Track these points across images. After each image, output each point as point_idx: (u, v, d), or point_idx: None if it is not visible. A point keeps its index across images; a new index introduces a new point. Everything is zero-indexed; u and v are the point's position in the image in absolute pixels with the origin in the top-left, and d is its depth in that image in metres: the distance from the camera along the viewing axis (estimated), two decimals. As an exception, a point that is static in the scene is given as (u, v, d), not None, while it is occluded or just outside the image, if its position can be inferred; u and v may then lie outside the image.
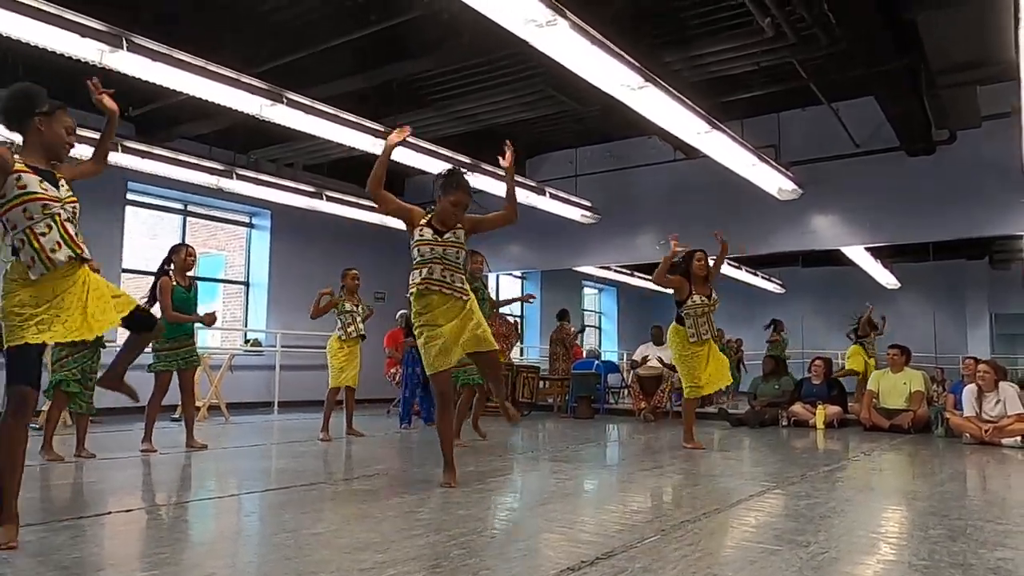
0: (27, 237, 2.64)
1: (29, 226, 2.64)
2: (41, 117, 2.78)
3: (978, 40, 5.58)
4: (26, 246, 2.64)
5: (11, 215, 2.65)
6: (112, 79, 5.76)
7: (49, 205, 2.69)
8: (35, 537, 2.77)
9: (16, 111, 2.80)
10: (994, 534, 2.98)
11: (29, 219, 2.65)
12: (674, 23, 6.71)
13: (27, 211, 2.65)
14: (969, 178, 8.26)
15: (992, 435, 6.36)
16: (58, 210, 2.72)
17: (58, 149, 2.85)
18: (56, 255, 2.66)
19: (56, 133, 2.82)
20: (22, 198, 2.64)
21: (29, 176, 2.67)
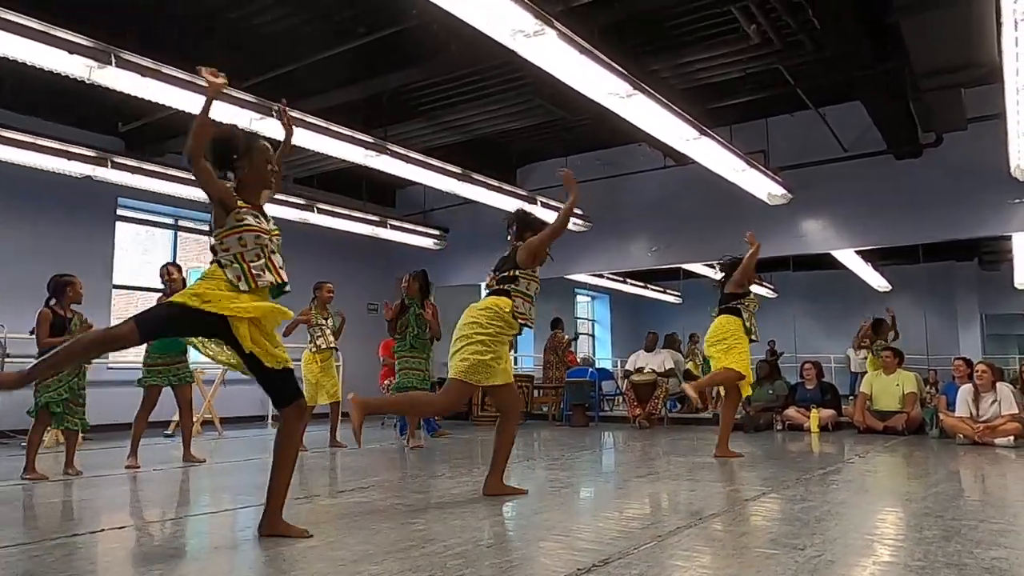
0: (236, 259, 2.91)
1: (240, 252, 2.92)
2: (241, 160, 3.03)
3: (962, 43, 5.63)
4: (234, 265, 2.91)
5: (227, 240, 2.93)
6: (99, 95, 5.78)
7: (261, 237, 2.96)
8: (27, 555, 2.74)
9: (218, 159, 3.02)
10: (989, 534, 2.99)
11: (243, 247, 2.92)
12: (661, 31, 6.76)
13: (242, 239, 2.93)
14: (956, 180, 8.32)
15: (985, 435, 6.39)
16: (267, 241, 2.98)
17: (264, 180, 3.09)
18: (260, 278, 2.92)
19: (259, 168, 3.05)
20: (240, 229, 2.92)
21: (246, 212, 2.96)
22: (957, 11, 5.22)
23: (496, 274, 4.13)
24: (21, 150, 6.69)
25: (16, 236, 8.01)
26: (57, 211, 8.26)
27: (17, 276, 7.81)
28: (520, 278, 4.03)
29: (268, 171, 3.07)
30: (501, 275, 4.07)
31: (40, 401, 4.88)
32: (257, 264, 2.92)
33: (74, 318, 5.06)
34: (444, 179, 8.29)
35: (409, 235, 10.95)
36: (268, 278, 2.93)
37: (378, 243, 11.04)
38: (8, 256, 7.88)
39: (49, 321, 4.94)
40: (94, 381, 7.94)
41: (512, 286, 4.00)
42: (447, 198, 9.93)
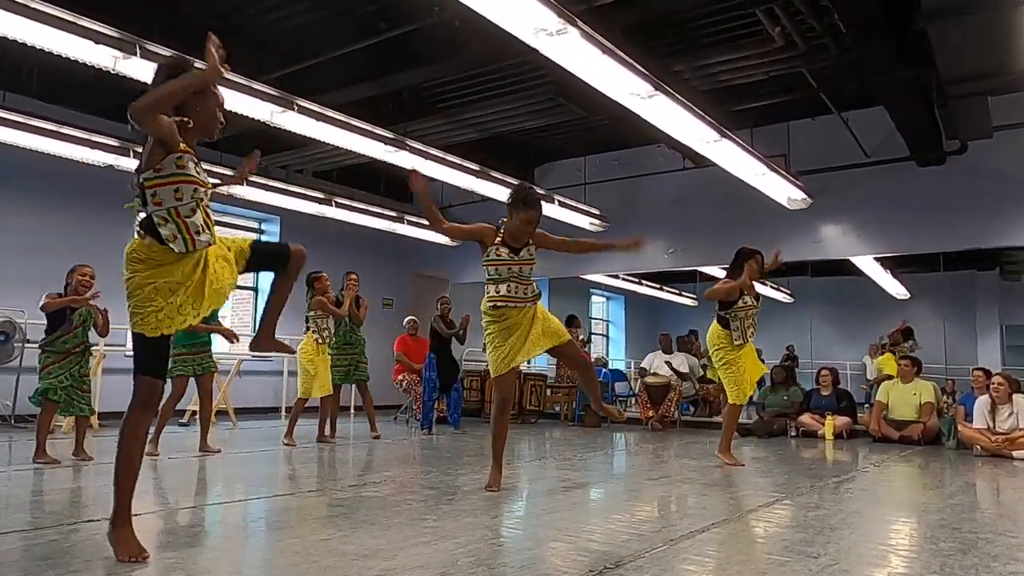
0: (171, 216, 2.56)
1: (175, 207, 2.57)
2: (196, 97, 2.69)
3: (990, 50, 5.56)
4: (169, 224, 2.56)
5: (161, 191, 2.57)
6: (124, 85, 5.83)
7: (198, 190, 2.62)
8: (43, 540, 2.77)
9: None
10: (1006, 548, 2.95)
11: (178, 200, 2.57)
12: (684, 32, 6.73)
13: (179, 191, 2.58)
14: (980, 188, 8.22)
15: (1003, 447, 6.31)
16: (203, 195, 2.65)
17: (209, 127, 2.77)
18: (199, 237, 2.60)
19: (210, 113, 2.74)
20: (178, 178, 2.57)
21: (188, 158, 2.60)
22: (986, 18, 5.15)
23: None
24: (46, 138, 6.76)
25: (38, 225, 8.10)
26: (80, 200, 8.35)
27: (39, 264, 7.89)
28: (485, 267, 4.18)
29: (216, 119, 2.77)
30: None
31: (40, 388, 4.95)
32: (193, 220, 2.58)
33: (80, 308, 5.07)
34: (462, 176, 8.29)
35: (426, 231, 10.95)
36: (205, 238, 2.61)
37: (395, 239, 11.07)
38: (30, 244, 7.97)
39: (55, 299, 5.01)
40: (111, 369, 8.10)
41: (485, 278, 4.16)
42: (464, 195, 9.94)
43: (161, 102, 2.54)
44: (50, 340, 5.01)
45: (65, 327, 5.01)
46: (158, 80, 2.65)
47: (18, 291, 7.50)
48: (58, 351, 5.00)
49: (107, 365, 7.88)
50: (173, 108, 2.63)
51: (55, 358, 4.99)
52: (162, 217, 2.57)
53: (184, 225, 2.57)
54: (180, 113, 2.66)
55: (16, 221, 7.97)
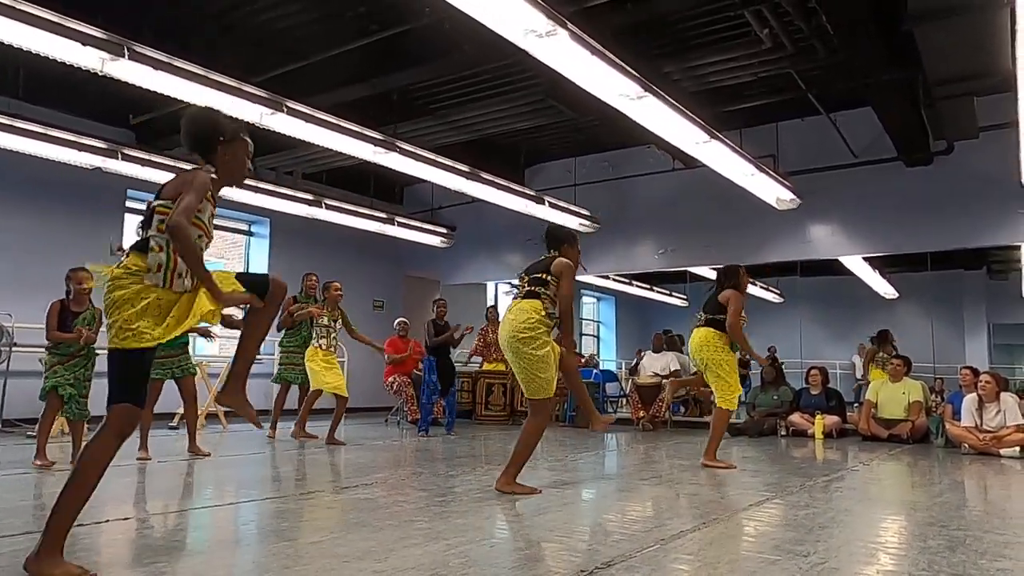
0: (166, 247, 2.54)
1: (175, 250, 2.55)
2: (224, 145, 2.74)
3: (976, 52, 5.61)
4: (162, 254, 2.54)
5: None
6: (111, 87, 5.81)
7: (202, 237, 2.64)
8: (33, 544, 2.75)
9: (201, 139, 2.75)
10: (994, 545, 2.97)
11: None
12: (673, 33, 6.75)
13: None
14: (967, 189, 8.29)
15: (991, 445, 6.36)
16: (204, 245, 2.66)
17: (239, 175, 2.82)
18: (179, 280, 2.57)
19: (239, 160, 2.79)
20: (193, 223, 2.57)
21: (208, 205, 2.65)
22: (972, 20, 5.20)
23: (528, 276, 4.31)
24: (32, 140, 6.71)
25: (26, 227, 8.05)
26: (67, 202, 8.30)
27: (26, 267, 7.86)
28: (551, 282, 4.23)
29: (244, 168, 2.81)
30: (533, 276, 4.26)
31: (47, 385, 4.93)
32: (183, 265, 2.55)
33: (85, 312, 5.07)
34: (452, 177, 8.29)
35: (416, 233, 10.95)
36: (186, 284, 2.58)
37: (385, 240, 11.05)
38: (17, 247, 7.91)
39: (56, 312, 5.00)
40: (98, 373, 8.04)
41: (542, 288, 4.20)
42: (455, 196, 9.94)
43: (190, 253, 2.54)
44: (55, 344, 5.00)
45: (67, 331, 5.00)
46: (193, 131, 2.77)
47: (6, 294, 7.45)
48: (63, 354, 4.99)
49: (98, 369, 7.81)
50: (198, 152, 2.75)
51: (60, 359, 4.97)
52: (159, 244, 2.55)
53: (173, 261, 2.54)
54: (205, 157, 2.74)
55: (3, 224, 7.91)
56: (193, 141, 2.77)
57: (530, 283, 4.21)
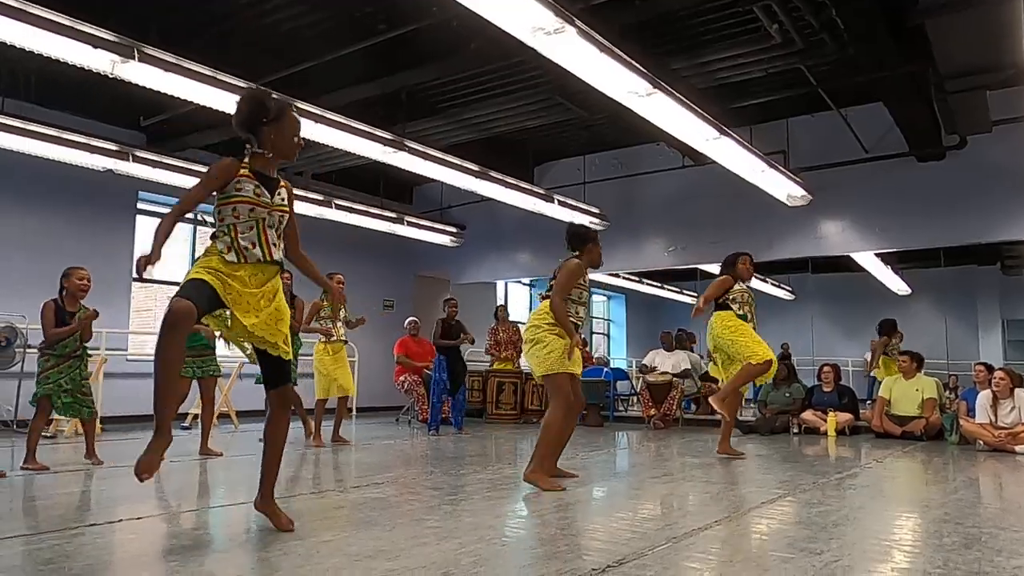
0: (229, 231, 2.87)
1: (234, 223, 2.88)
2: (270, 125, 2.95)
3: (988, 45, 5.55)
4: (225, 236, 2.88)
5: (223, 210, 2.90)
6: (121, 89, 5.84)
7: (256, 209, 2.90)
8: (46, 544, 2.78)
9: (247, 120, 2.96)
10: (1010, 542, 2.95)
11: (236, 217, 2.88)
12: (682, 30, 6.72)
13: (236, 210, 2.88)
14: (980, 183, 8.21)
15: (1006, 442, 6.30)
16: (264, 215, 2.92)
17: (288, 151, 3.03)
18: (248, 252, 2.88)
19: (285, 137, 3.00)
20: (235, 198, 2.88)
21: (247, 181, 2.90)
22: (983, 12, 5.14)
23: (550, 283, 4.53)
24: (44, 143, 6.77)
25: (38, 229, 8.11)
26: (79, 204, 8.36)
27: (38, 269, 7.90)
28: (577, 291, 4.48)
29: (294, 142, 3.02)
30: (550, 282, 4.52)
31: (39, 392, 4.94)
32: (247, 236, 2.87)
33: (78, 312, 5.07)
34: (462, 176, 8.30)
35: (426, 232, 10.97)
36: (256, 253, 2.88)
37: (395, 240, 11.07)
38: (29, 249, 7.97)
39: (52, 311, 4.97)
40: (114, 373, 8.11)
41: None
42: (464, 195, 9.94)
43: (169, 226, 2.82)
44: (52, 343, 5.00)
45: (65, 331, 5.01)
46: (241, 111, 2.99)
47: (19, 296, 7.50)
48: (59, 354, 4.99)
49: (108, 369, 7.88)
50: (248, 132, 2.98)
51: (55, 361, 4.98)
52: (221, 231, 2.89)
53: (236, 239, 2.87)
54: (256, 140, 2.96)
55: (16, 226, 7.97)
56: (240, 122, 2.98)
57: (549, 288, 4.50)
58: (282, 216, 3.00)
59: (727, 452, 5.81)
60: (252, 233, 2.89)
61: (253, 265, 2.89)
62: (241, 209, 2.87)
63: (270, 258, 2.93)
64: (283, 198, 3.02)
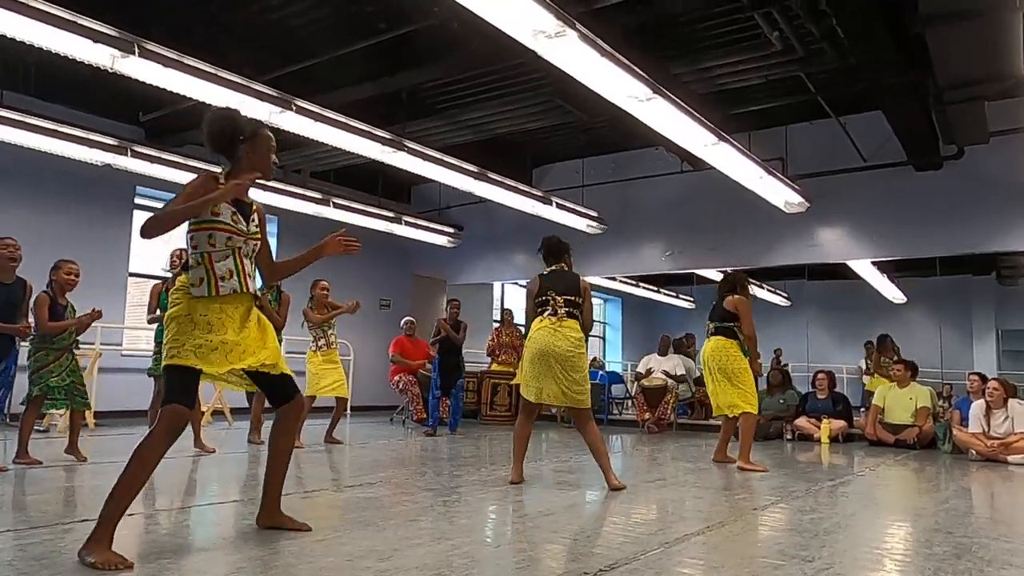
0: (203, 260, 2.75)
1: (208, 252, 2.76)
2: (246, 144, 2.87)
3: (987, 56, 5.57)
4: (200, 267, 2.76)
5: (197, 236, 2.78)
6: (121, 84, 5.83)
7: (233, 238, 2.81)
8: (38, 540, 2.77)
9: (222, 140, 2.86)
10: (1000, 552, 2.96)
11: (211, 246, 2.77)
12: (683, 35, 6.73)
13: (212, 238, 2.77)
14: (977, 193, 8.24)
15: (998, 452, 6.32)
16: (240, 244, 2.83)
17: (265, 169, 2.95)
18: (223, 283, 2.76)
19: (261, 155, 2.92)
20: (212, 225, 2.77)
21: (225, 207, 2.79)
22: (984, 23, 5.16)
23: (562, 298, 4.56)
24: (42, 136, 6.75)
25: (35, 223, 8.08)
26: (76, 199, 8.34)
27: (35, 263, 7.87)
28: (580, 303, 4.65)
29: (271, 159, 2.94)
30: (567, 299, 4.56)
31: (32, 392, 4.92)
32: (223, 264, 2.76)
33: (68, 304, 5.09)
34: (460, 177, 8.30)
35: (424, 232, 10.96)
36: (233, 283, 2.77)
37: (393, 239, 11.06)
38: (26, 243, 7.89)
39: (47, 305, 4.96)
40: (107, 368, 8.08)
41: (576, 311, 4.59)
42: (462, 196, 9.95)
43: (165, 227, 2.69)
44: (44, 336, 4.99)
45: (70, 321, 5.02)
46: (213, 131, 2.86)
47: (14, 289, 7.46)
48: (57, 348, 5.00)
49: (103, 364, 7.86)
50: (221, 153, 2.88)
51: (54, 355, 4.98)
52: (196, 260, 2.77)
53: (211, 270, 2.75)
54: (229, 160, 2.86)
55: (13, 220, 7.93)
56: (214, 143, 2.87)
57: (566, 304, 4.54)
58: (256, 245, 2.92)
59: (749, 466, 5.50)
60: (229, 262, 2.79)
61: (229, 297, 2.78)
62: (218, 237, 2.77)
63: (246, 289, 2.83)
64: (256, 225, 2.94)
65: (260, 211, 3.01)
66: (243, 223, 2.85)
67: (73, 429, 5.15)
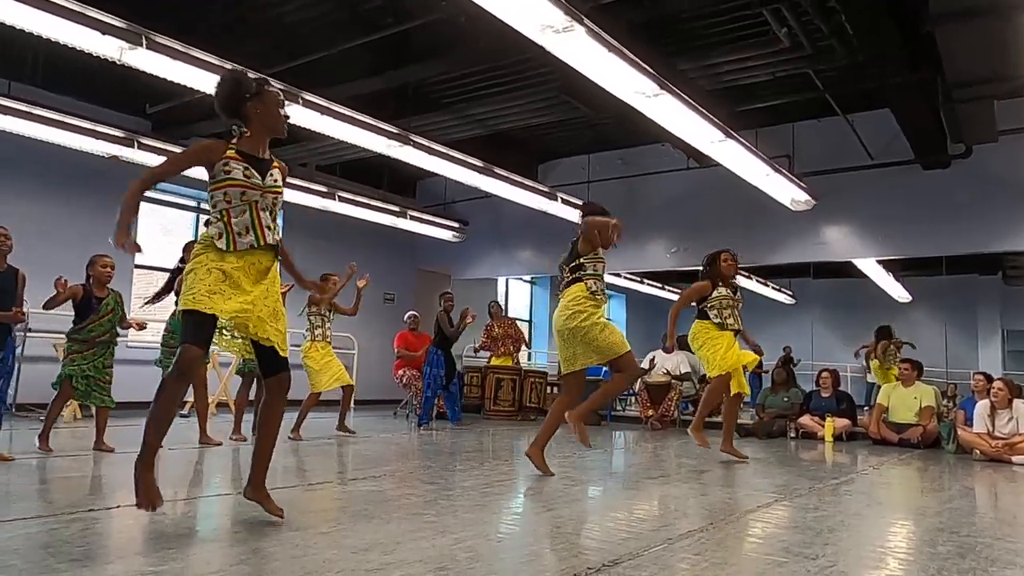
0: (222, 216, 2.86)
1: (226, 208, 2.86)
2: (253, 101, 2.93)
3: (996, 55, 5.54)
4: (219, 222, 2.86)
5: (215, 195, 2.89)
6: (128, 76, 5.84)
7: (248, 192, 2.87)
8: (44, 528, 2.79)
9: (229, 101, 2.93)
10: (1005, 552, 2.95)
11: (228, 202, 2.86)
12: (690, 31, 6.72)
13: (227, 195, 2.86)
14: (984, 193, 8.21)
15: (1003, 452, 6.31)
16: (256, 197, 2.89)
17: (276, 125, 3.01)
18: (241, 238, 2.86)
19: (270, 112, 2.97)
20: (225, 182, 2.85)
21: (236, 163, 2.87)
22: (993, 22, 5.13)
23: (566, 267, 4.63)
24: (50, 128, 6.77)
25: (42, 214, 8.12)
26: (83, 190, 8.36)
27: (41, 253, 7.90)
28: (585, 264, 4.64)
29: (281, 115, 3.00)
30: (571, 265, 4.61)
31: (63, 373, 4.96)
32: (240, 220, 2.85)
33: (107, 298, 5.12)
34: (465, 172, 8.30)
35: (429, 226, 10.97)
36: (248, 239, 2.86)
37: (398, 233, 11.07)
38: (33, 233, 7.95)
39: (72, 293, 5.00)
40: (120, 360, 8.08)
41: (581, 272, 4.61)
42: (467, 191, 9.94)
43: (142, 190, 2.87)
44: (77, 328, 5.02)
45: (92, 317, 5.03)
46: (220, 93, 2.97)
47: (20, 280, 7.49)
48: (84, 339, 5.02)
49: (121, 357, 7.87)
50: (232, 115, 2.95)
51: (80, 347, 5.01)
52: (214, 217, 2.88)
53: (228, 225, 2.85)
54: (241, 120, 2.94)
55: (19, 210, 7.96)
56: (224, 106, 2.96)
57: (571, 271, 4.59)
58: (276, 198, 2.98)
59: (730, 452, 5.67)
60: (245, 217, 2.86)
61: (247, 253, 2.87)
62: (232, 193, 2.85)
63: (263, 242, 2.90)
64: (276, 179, 2.99)
65: (282, 168, 3.08)
66: (257, 177, 2.90)
67: (99, 424, 5.13)
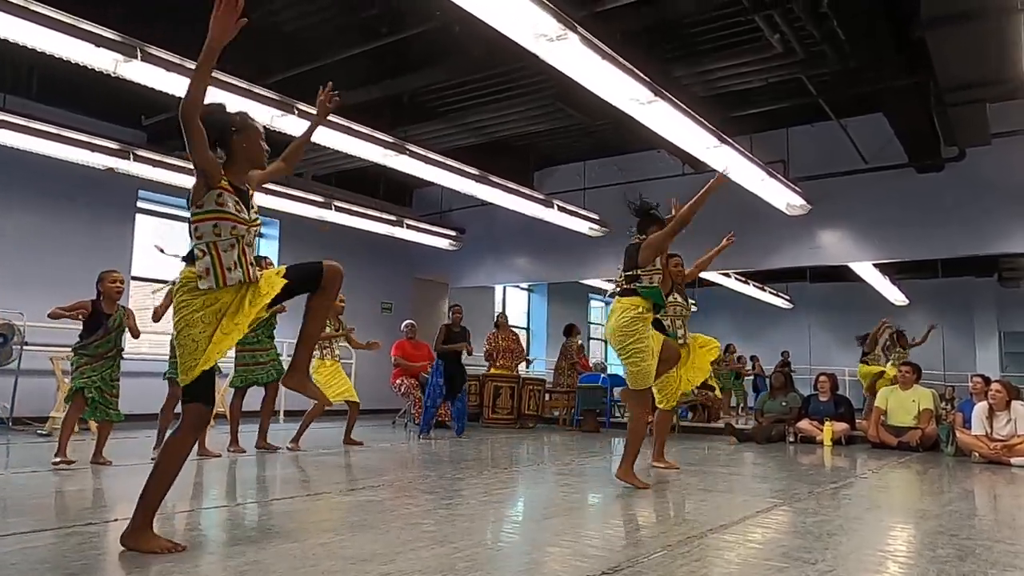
0: (209, 249, 2.76)
1: (214, 241, 2.77)
2: (239, 134, 2.93)
3: (988, 58, 5.58)
4: (206, 257, 2.76)
5: (201, 226, 2.79)
6: (123, 88, 5.85)
7: (238, 228, 2.82)
8: (43, 543, 2.77)
9: (213, 132, 2.87)
10: (1004, 555, 2.95)
11: (217, 235, 2.78)
12: (684, 38, 6.74)
13: (217, 227, 2.79)
14: (978, 195, 8.24)
15: (1001, 454, 6.31)
16: (243, 233, 2.85)
17: (259, 157, 3.01)
18: (230, 274, 2.78)
19: (254, 144, 2.97)
20: (217, 214, 2.79)
21: (229, 196, 2.81)
22: (985, 26, 5.17)
23: (622, 273, 4.51)
24: (45, 140, 6.77)
25: (38, 226, 8.11)
26: (79, 202, 8.36)
27: (37, 266, 7.92)
28: (642, 276, 4.46)
29: (262, 149, 2.99)
30: (627, 274, 4.48)
31: (75, 386, 4.95)
32: (228, 255, 2.78)
33: (115, 314, 5.12)
34: (461, 180, 8.31)
35: (425, 235, 10.98)
36: (237, 275, 2.79)
37: (394, 242, 11.08)
38: (29, 246, 7.97)
39: (83, 309, 5.02)
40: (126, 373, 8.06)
41: (637, 284, 4.43)
42: (464, 199, 9.96)
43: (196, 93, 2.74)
44: (84, 344, 5.02)
45: (100, 332, 5.02)
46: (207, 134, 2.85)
47: (17, 293, 7.49)
48: (91, 354, 5.01)
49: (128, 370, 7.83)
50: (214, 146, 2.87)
51: (87, 360, 5.00)
52: (200, 250, 2.77)
53: (218, 260, 2.76)
54: (224, 150, 2.91)
55: (16, 223, 7.97)
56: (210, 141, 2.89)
57: (626, 280, 4.46)
58: (256, 232, 2.97)
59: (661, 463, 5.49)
60: (234, 252, 2.80)
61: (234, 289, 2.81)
62: (223, 227, 2.78)
63: (248, 279, 2.84)
64: (256, 212, 2.98)
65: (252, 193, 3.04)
66: (245, 211, 2.87)
67: (100, 438, 5.12)
